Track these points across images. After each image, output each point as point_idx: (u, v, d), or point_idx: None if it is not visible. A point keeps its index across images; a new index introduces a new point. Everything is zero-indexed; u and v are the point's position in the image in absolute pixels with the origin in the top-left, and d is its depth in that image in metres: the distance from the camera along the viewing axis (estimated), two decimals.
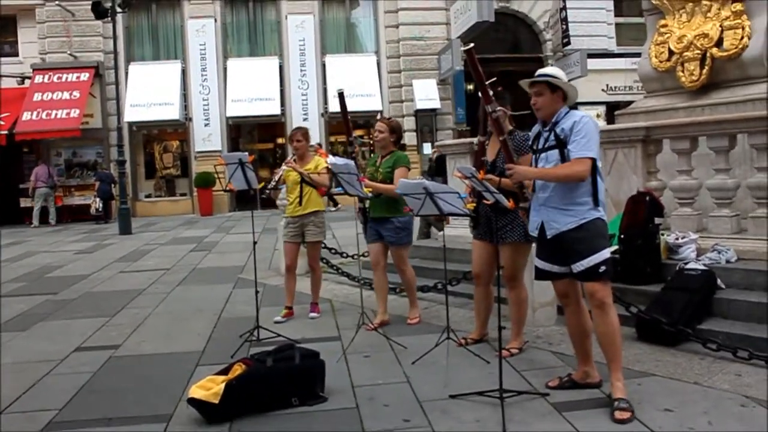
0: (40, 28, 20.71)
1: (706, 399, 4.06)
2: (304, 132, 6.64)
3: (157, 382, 4.82)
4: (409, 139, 20.30)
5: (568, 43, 20.77)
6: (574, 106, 4.21)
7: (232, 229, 15.59)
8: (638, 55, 21.57)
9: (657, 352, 4.94)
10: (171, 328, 6.44)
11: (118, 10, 16.72)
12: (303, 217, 6.51)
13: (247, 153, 5.62)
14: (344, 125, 6.36)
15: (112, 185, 18.95)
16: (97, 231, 16.93)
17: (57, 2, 20.17)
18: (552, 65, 21.91)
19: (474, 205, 4.55)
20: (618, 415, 3.79)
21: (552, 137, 4.09)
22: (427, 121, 21.56)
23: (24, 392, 4.73)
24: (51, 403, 4.47)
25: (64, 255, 12.32)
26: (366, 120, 21.88)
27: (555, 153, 4.06)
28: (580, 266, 3.98)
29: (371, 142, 21.77)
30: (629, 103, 17.12)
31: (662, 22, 8.22)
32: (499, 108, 4.46)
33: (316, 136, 20.71)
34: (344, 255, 9.16)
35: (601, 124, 15.58)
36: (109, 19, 17.00)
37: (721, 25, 7.51)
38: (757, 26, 7.28)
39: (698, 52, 7.67)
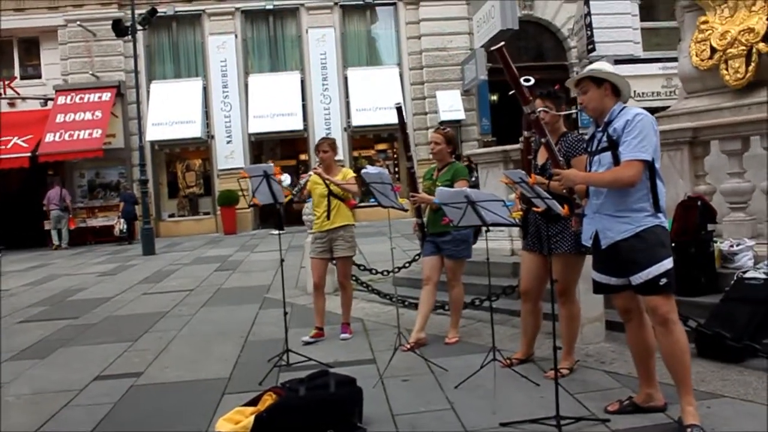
0: (62, 50, 20.75)
1: None
2: (331, 142, 6.32)
3: (181, 414, 4.49)
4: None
5: (594, 49, 20.30)
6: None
7: (257, 248, 15.31)
8: (666, 60, 21.37)
9: (721, 370, 4.52)
10: (195, 353, 6.12)
11: (139, 27, 16.63)
12: (331, 232, 6.17)
13: (272, 164, 5.29)
14: (402, 140, 6.05)
15: (135, 205, 18.83)
16: (120, 252, 16.75)
17: (78, 23, 20.20)
18: (577, 72, 21.50)
19: (521, 213, 4.18)
20: None
21: (605, 138, 3.73)
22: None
23: (40, 426, 4.42)
24: None
25: (87, 278, 12.11)
26: (390, 134, 21.62)
27: (608, 155, 3.71)
28: (638, 278, 3.62)
29: (395, 156, 21.53)
30: (658, 109, 16.63)
31: (702, 18, 7.83)
32: (540, 108, 4.11)
33: (339, 150, 20.40)
34: (374, 271, 8.80)
35: None
36: (130, 37, 16.95)
37: (767, 19, 7.10)
38: None
39: (743, 48, 7.27)
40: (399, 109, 5.99)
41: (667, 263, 3.60)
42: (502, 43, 4.04)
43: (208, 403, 4.62)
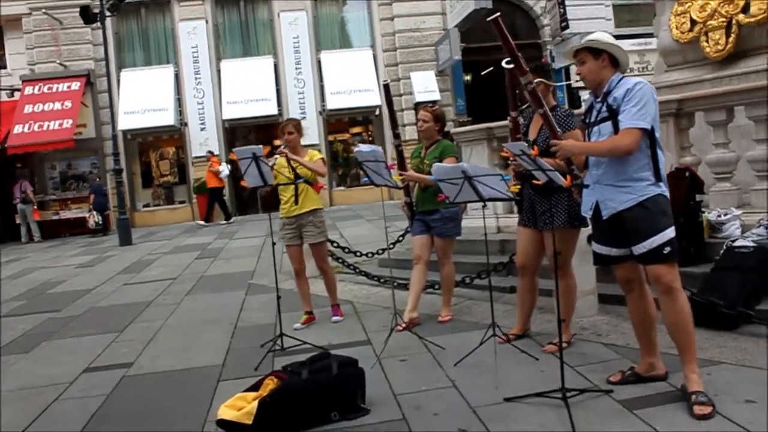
0: (27, 38, 20.21)
1: None
2: (295, 124, 6.05)
3: (179, 402, 4.41)
4: (410, 133, 19.90)
5: (567, 26, 20.34)
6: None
7: (236, 234, 15.16)
8: (638, 36, 21.47)
9: (717, 338, 4.56)
10: (185, 341, 6.02)
11: (108, 14, 16.25)
12: (300, 217, 5.94)
13: (261, 146, 5.18)
14: (390, 117, 5.95)
15: (105, 196, 18.59)
16: (96, 244, 16.48)
17: (44, 11, 19.70)
18: (551, 50, 21.54)
19: (518, 188, 4.15)
20: (698, 410, 3.40)
21: (604, 108, 3.71)
22: None
23: (32, 422, 4.31)
24: None
25: (65, 270, 11.89)
26: (364, 116, 21.51)
27: (608, 125, 3.69)
28: (641, 248, 3.61)
29: (370, 139, 21.41)
30: None
31: None
32: (537, 79, 4.07)
33: (314, 135, 20.33)
34: (358, 254, 8.75)
35: None
36: (98, 25, 16.56)
37: None
38: None
39: (723, 20, 7.29)
40: (386, 87, 6.00)
41: (670, 232, 3.59)
42: (498, 14, 3.99)
43: (205, 390, 4.54)
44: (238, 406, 3.65)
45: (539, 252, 4.76)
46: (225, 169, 18.57)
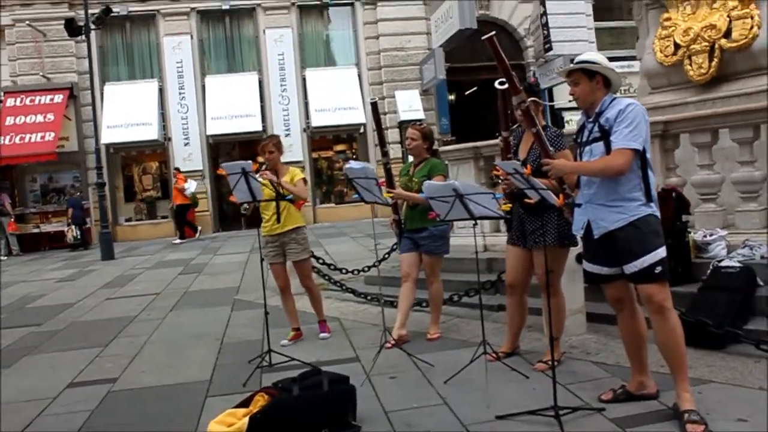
0: (10, 50, 20.04)
1: None
2: (276, 142, 5.96)
3: (166, 418, 4.35)
4: (394, 152, 19.94)
5: (551, 48, 20.54)
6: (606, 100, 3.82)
7: (219, 250, 15.07)
8: (619, 59, 21.79)
9: (705, 357, 4.59)
10: (171, 356, 5.95)
11: (93, 27, 16.19)
12: (282, 236, 5.90)
13: (250, 162, 5.16)
14: (378, 135, 5.97)
15: (83, 210, 18.42)
16: (77, 258, 16.29)
17: (27, 22, 19.57)
18: (534, 71, 21.75)
19: (510, 206, 4.17)
20: (690, 428, 3.43)
21: (596, 128, 3.74)
22: None
23: None
24: None
25: (45, 284, 11.73)
26: (349, 134, 21.54)
27: (600, 145, 3.72)
28: (633, 267, 3.64)
29: (354, 157, 21.42)
30: None
31: (665, 15, 7.97)
32: (530, 99, 4.12)
33: (299, 152, 20.33)
34: (344, 271, 8.74)
35: None
36: (83, 38, 16.51)
37: (728, 15, 7.28)
38: (766, 15, 7.04)
39: (706, 44, 7.42)
40: (374, 105, 6.02)
41: (662, 251, 3.63)
42: (493, 32, 4.04)
43: (192, 406, 4.49)
44: (228, 423, 3.61)
45: (528, 270, 4.78)
46: (191, 186, 18.42)
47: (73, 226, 18.30)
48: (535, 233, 4.57)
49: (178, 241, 17.96)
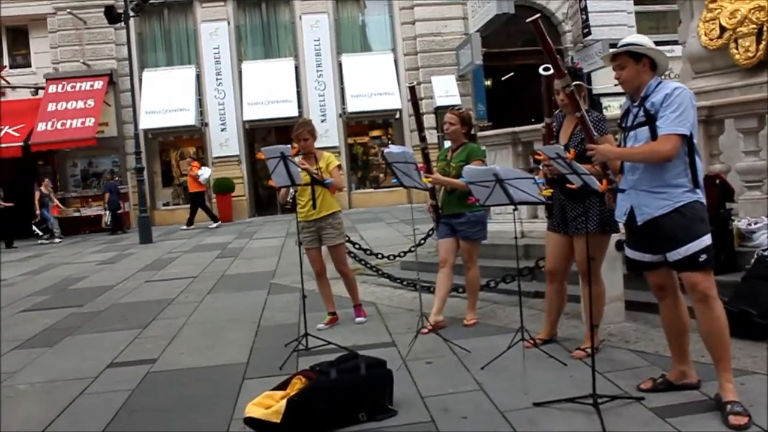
0: (52, 38, 20.45)
1: None
2: (310, 129, 5.94)
3: (204, 399, 4.40)
4: (430, 137, 19.85)
5: (589, 33, 20.24)
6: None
7: (255, 234, 15.20)
8: (660, 43, 21.40)
9: (749, 347, 4.47)
10: (209, 339, 6.03)
11: (131, 14, 16.39)
12: (319, 221, 5.92)
13: (289, 146, 5.17)
14: (416, 120, 5.92)
15: (119, 195, 18.78)
16: (117, 241, 16.59)
17: (68, 10, 19.90)
18: (572, 56, 21.42)
19: (551, 192, 4.11)
20: (733, 420, 3.34)
21: (641, 113, 3.65)
22: None
23: (58, 415, 4.32)
24: (88, 426, 4.07)
25: (86, 266, 11.97)
26: (384, 119, 21.51)
27: (645, 130, 3.62)
28: (677, 254, 3.54)
29: (391, 142, 21.40)
30: None
31: None
32: (574, 82, 4.04)
33: (335, 137, 20.37)
34: (380, 256, 8.74)
35: None
36: (122, 25, 16.73)
37: None
38: None
39: (754, 26, 7.20)
40: (412, 89, 5.99)
41: (707, 239, 3.54)
42: (538, 14, 3.97)
43: (230, 388, 4.54)
44: (266, 405, 3.63)
45: (569, 257, 4.71)
46: (205, 173, 18.39)
47: (107, 212, 18.60)
48: (577, 220, 4.50)
49: (185, 227, 17.89)
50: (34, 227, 18.23)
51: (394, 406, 3.86)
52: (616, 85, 3.95)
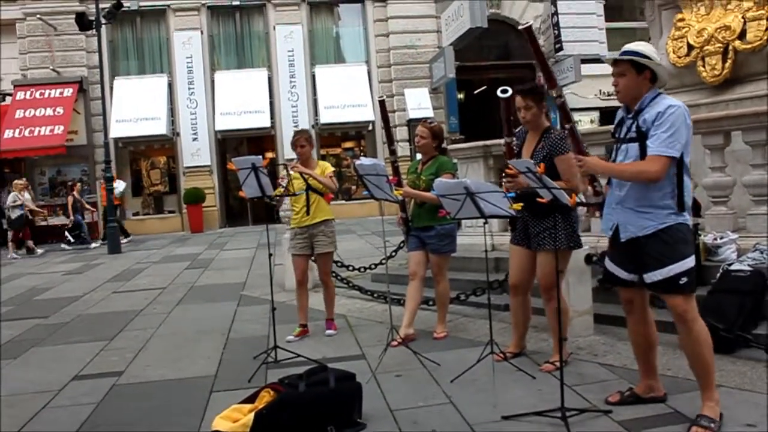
0: (20, 43, 20.13)
1: None
2: (307, 137, 6.20)
3: (171, 413, 4.34)
4: (403, 150, 19.91)
5: (561, 48, 20.48)
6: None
7: (226, 245, 15.08)
8: None
9: (716, 361, 4.50)
10: (177, 351, 5.95)
11: (103, 21, 16.22)
12: (312, 227, 6.03)
13: (260, 157, 5.15)
14: (386, 133, 5.97)
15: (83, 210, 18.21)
16: (84, 251, 16.34)
17: (38, 16, 19.63)
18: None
19: (521, 205, 4.13)
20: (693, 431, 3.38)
21: (634, 127, 3.56)
22: None
23: (21, 428, 4.23)
24: None
25: (52, 276, 11.76)
26: (357, 131, 21.54)
27: (635, 147, 3.54)
28: (654, 276, 3.52)
29: (363, 154, 21.41)
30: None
31: (679, 16, 7.91)
32: (566, 92, 4.08)
33: None
34: (351, 268, 8.72)
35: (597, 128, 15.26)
36: (93, 32, 16.56)
37: (743, 17, 7.21)
38: None
39: (720, 45, 7.36)
40: (382, 102, 6.03)
41: (689, 261, 3.50)
42: (530, 22, 4.03)
43: (197, 401, 4.48)
44: (234, 418, 3.59)
45: (532, 271, 4.75)
46: (119, 186, 17.89)
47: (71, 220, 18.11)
48: (539, 236, 4.56)
49: (125, 240, 17.22)
50: (66, 234, 17.71)
51: (364, 419, 3.84)
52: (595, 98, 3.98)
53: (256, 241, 14.81)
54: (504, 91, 4.34)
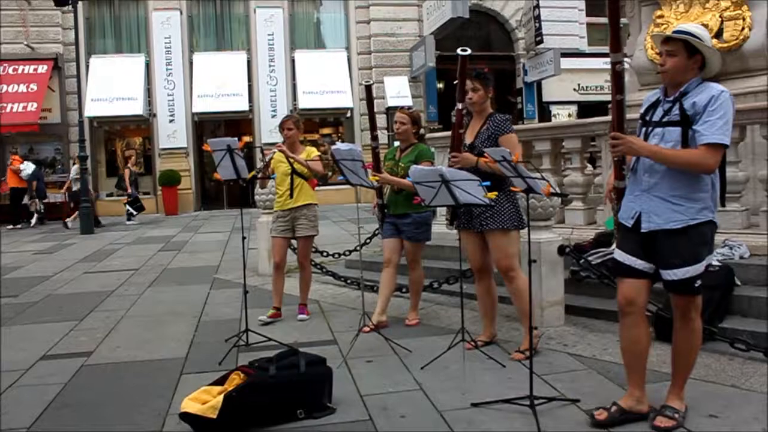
0: None
1: (750, 403, 3.73)
2: (295, 120, 6.24)
3: (139, 394, 4.30)
4: (382, 137, 19.85)
5: (541, 41, 20.56)
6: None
7: (201, 228, 14.98)
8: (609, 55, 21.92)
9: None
10: (147, 332, 5.90)
11: None
12: (294, 210, 6.04)
13: (236, 139, 5.11)
14: (369, 118, 5.94)
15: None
16: (56, 231, 16.12)
17: None
18: (524, 63, 21.74)
19: (495, 194, 4.13)
20: (659, 421, 3.40)
21: (676, 110, 3.28)
22: None
23: None
24: (17, 420, 3.92)
25: (22, 256, 11.59)
26: (336, 117, 21.46)
27: (676, 131, 3.26)
28: (673, 275, 3.32)
29: (340, 140, 21.33)
30: (602, 102, 16.92)
31: (658, 12, 7.97)
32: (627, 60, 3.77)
33: None
34: (325, 254, 8.70)
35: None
36: (69, 8, 16.24)
37: (720, 16, 7.28)
38: (758, 17, 7.07)
39: None
40: (368, 87, 5.99)
41: (705, 264, 3.38)
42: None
43: (166, 382, 4.45)
44: (203, 400, 3.57)
45: (488, 250, 4.80)
46: (28, 168, 17.34)
47: (37, 200, 17.88)
48: (482, 215, 4.64)
49: (10, 226, 16.89)
50: (127, 206, 17.50)
51: (333, 404, 3.84)
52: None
53: (230, 225, 14.73)
54: (464, 50, 4.41)
